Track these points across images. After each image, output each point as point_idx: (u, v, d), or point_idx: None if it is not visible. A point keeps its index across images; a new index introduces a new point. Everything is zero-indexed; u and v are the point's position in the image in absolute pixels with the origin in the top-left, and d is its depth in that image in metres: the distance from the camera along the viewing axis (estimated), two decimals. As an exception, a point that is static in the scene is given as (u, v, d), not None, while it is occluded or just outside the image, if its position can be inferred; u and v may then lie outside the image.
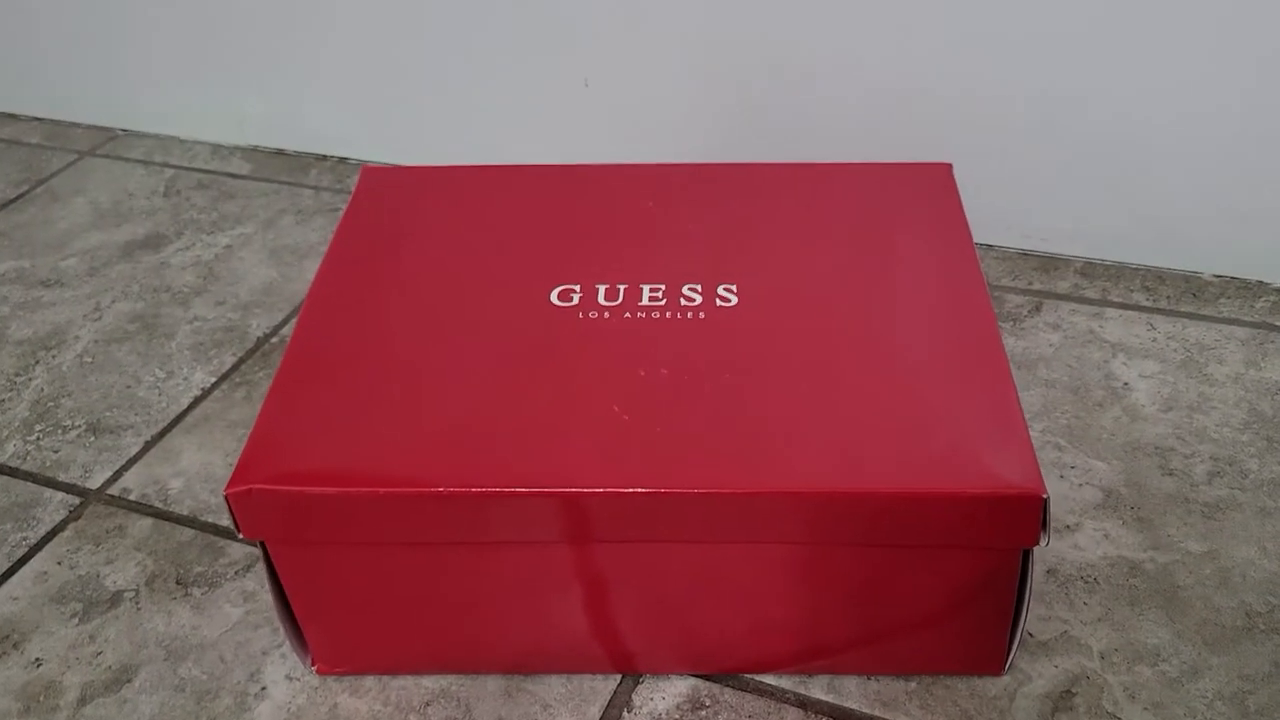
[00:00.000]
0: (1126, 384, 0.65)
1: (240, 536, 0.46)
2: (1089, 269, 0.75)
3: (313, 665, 0.52)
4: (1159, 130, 0.69)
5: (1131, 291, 0.73)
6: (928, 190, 0.59)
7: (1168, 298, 0.72)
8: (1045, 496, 0.43)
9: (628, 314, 0.52)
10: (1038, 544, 0.44)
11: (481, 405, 0.48)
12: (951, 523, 0.44)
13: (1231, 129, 0.68)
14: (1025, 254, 0.77)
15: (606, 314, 0.52)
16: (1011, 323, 0.70)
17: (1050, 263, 0.76)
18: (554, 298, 0.53)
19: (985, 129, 0.73)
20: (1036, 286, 0.74)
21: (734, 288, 0.53)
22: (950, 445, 0.45)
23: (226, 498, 0.45)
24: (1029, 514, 0.43)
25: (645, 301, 0.52)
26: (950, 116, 0.73)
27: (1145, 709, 0.48)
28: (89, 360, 0.74)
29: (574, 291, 0.53)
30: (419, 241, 0.58)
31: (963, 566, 0.46)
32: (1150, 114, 0.69)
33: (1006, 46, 0.70)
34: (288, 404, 0.49)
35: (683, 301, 0.52)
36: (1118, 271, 0.74)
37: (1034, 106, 0.71)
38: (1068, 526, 0.57)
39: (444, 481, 0.44)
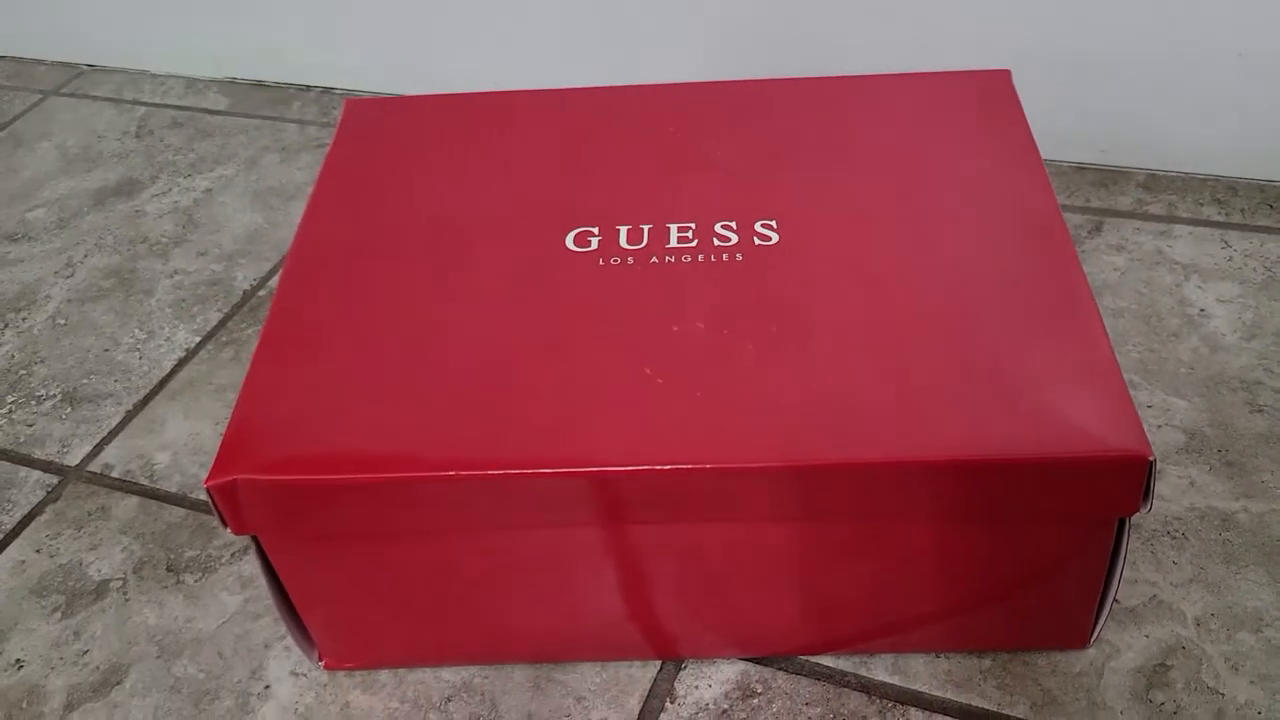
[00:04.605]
0: (1203, 310, 0.59)
1: (228, 531, 0.41)
2: (1152, 182, 0.68)
3: (320, 660, 0.47)
4: (1224, 24, 0.62)
5: (1201, 205, 0.66)
6: (985, 101, 0.52)
7: (1242, 210, 0.65)
8: (1151, 459, 0.37)
9: (654, 259, 0.46)
10: (1139, 511, 0.38)
11: (493, 371, 0.42)
12: (1040, 492, 0.38)
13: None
14: (1080, 168, 0.70)
15: (630, 259, 0.46)
16: (1070, 245, 0.64)
17: (1109, 176, 0.69)
18: (570, 243, 0.47)
19: (1030, 30, 0.65)
20: (1095, 204, 0.67)
21: (773, 223, 0.47)
22: (1036, 401, 0.39)
23: (208, 490, 0.39)
24: (1132, 479, 0.37)
25: (674, 243, 0.46)
26: (991, 15, 0.66)
27: (1251, 682, 0.43)
28: (62, 322, 0.68)
29: (592, 235, 0.47)
30: (413, 183, 0.51)
31: (1049, 537, 0.40)
32: (1213, 5, 0.61)
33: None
34: (273, 377, 0.43)
35: (716, 242, 0.46)
36: (1184, 183, 0.67)
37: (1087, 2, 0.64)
38: (1149, 475, 0.51)
39: (454, 464, 0.39)
